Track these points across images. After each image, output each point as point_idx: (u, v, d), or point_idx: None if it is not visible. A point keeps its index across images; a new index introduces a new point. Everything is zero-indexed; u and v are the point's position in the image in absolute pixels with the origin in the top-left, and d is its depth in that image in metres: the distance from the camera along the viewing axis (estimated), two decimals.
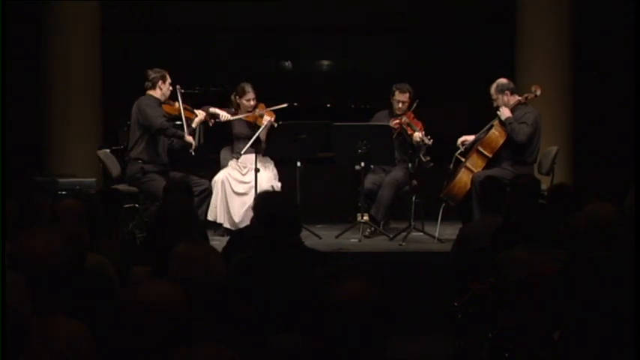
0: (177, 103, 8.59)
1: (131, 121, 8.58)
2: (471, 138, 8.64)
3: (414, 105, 8.71)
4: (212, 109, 8.76)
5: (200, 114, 8.60)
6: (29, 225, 5.21)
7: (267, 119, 8.72)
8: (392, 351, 2.70)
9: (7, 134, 8.10)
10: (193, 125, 8.59)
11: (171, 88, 8.56)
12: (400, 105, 8.87)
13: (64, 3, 10.06)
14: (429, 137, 8.45)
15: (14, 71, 9.62)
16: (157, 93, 8.52)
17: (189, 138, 8.44)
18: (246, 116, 8.84)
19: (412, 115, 8.82)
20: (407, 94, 8.88)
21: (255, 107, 8.89)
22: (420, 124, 8.76)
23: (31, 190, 7.78)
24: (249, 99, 8.86)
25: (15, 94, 9.54)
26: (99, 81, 10.27)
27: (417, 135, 8.54)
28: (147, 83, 8.53)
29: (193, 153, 8.47)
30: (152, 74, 8.54)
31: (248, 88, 8.89)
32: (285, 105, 8.90)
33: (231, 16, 11.79)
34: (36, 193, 6.24)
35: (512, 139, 8.35)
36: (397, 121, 8.77)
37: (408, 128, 8.65)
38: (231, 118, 8.80)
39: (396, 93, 8.90)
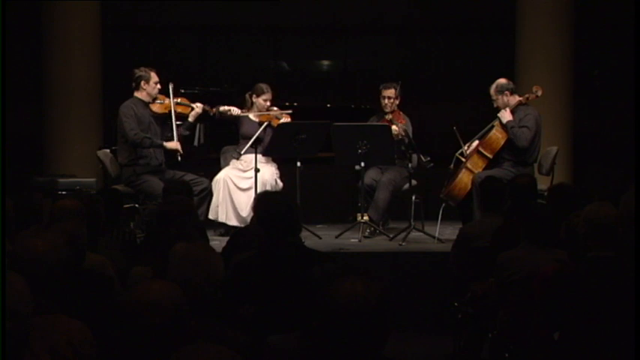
0: (167, 100, 8.52)
1: (117, 127, 8.54)
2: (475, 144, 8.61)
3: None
4: (222, 108, 8.76)
5: (197, 107, 8.54)
6: (29, 225, 5.23)
7: (286, 121, 8.72)
8: (392, 351, 2.70)
9: (7, 134, 8.11)
10: (190, 119, 8.54)
11: (158, 86, 8.46)
12: (387, 101, 8.90)
13: (64, 3, 10.05)
14: (406, 133, 8.49)
15: (14, 71, 9.63)
16: (141, 94, 8.47)
17: (172, 144, 8.38)
18: (261, 116, 8.80)
19: (398, 113, 8.83)
20: (392, 90, 8.90)
21: (268, 109, 8.89)
22: (402, 120, 8.77)
23: (31, 190, 7.77)
24: (266, 99, 8.86)
25: (15, 94, 9.54)
26: (99, 81, 10.27)
27: (394, 128, 8.57)
28: (133, 84, 8.50)
29: (180, 158, 8.39)
30: (137, 74, 8.47)
31: (267, 88, 8.89)
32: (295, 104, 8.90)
33: (231, 16, 11.79)
34: (36, 193, 6.23)
35: (513, 143, 8.33)
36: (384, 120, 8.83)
37: (390, 124, 8.68)
38: (242, 114, 8.76)
39: (382, 91, 8.94)
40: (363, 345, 2.57)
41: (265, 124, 8.64)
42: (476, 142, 8.55)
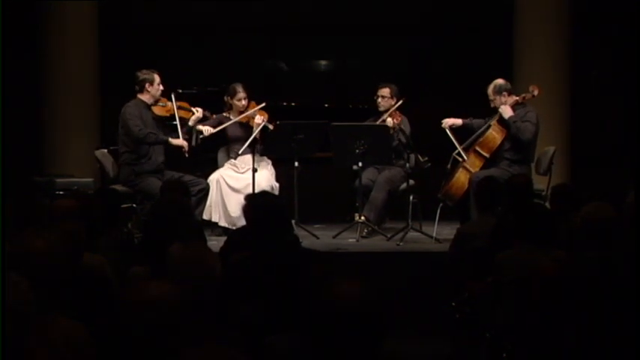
0: (169, 104, 8.57)
1: (119, 127, 8.56)
2: (457, 121, 8.64)
3: (399, 103, 8.73)
4: (199, 127, 8.76)
5: (198, 111, 8.59)
6: (29, 225, 5.23)
7: (259, 119, 8.72)
8: (390, 351, 2.70)
9: (6, 134, 8.10)
10: (190, 124, 8.59)
11: (161, 88, 8.51)
12: (381, 100, 8.92)
13: (63, 3, 10.05)
14: (403, 131, 8.52)
15: (13, 71, 9.62)
16: (145, 96, 8.51)
17: (177, 141, 8.44)
18: (239, 118, 8.83)
19: (395, 112, 8.83)
20: (387, 89, 8.94)
21: (247, 107, 8.90)
22: (398, 118, 8.79)
23: (30, 190, 7.78)
24: (240, 99, 8.87)
25: (14, 94, 9.53)
26: (97, 81, 10.27)
27: (389, 120, 8.61)
28: (136, 86, 8.52)
29: (187, 155, 8.47)
30: (140, 76, 8.50)
31: (239, 88, 8.89)
32: (263, 104, 8.87)
33: (231, 16, 11.78)
34: (35, 193, 6.24)
35: (516, 138, 8.34)
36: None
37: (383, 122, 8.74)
38: (214, 131, 8.75)
39: (377, 90, 8.97)
40: (360, 345, 2.57)
41: (258, 125, 8.64)
42: (458, 121, 8.61)
